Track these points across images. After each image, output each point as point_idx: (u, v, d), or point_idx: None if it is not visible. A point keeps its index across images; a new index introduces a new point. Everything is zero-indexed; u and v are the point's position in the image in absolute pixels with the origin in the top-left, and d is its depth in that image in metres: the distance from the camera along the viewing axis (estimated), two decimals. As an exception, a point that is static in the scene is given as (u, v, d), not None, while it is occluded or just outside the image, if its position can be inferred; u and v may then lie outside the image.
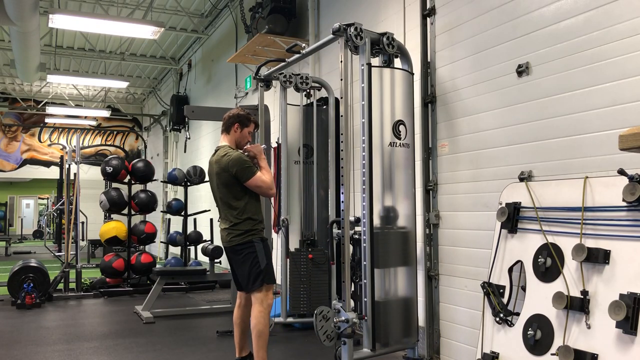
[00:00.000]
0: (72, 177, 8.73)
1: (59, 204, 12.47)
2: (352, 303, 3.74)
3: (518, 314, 3.18)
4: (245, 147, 3.88)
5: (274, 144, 6.18)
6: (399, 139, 3.96)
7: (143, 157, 16.11)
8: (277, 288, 5.76)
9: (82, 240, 11.14)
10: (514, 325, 3.18)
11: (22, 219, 23.20)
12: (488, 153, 3.86)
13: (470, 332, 3.90)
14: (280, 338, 5.10)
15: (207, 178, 8.79)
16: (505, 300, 3.30)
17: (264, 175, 3.72)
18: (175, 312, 6.41)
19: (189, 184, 8.62)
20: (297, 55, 4.60)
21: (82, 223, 11.23)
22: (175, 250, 10.10)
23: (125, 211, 8.20)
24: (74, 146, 8.25)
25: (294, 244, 5.37)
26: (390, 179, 3.96)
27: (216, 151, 3.84)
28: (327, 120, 5.53)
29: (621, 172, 2.69)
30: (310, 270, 5.18)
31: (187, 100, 11.87)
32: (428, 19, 4.47)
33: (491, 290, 3.37)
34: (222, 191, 3.76)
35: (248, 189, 3.73)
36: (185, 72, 12.40)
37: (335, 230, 4.05)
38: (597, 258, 2.77)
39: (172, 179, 8.62)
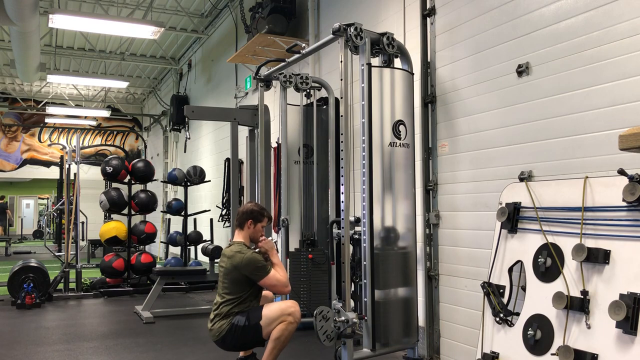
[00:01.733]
0: (72, 177, 8.74)
1: (59, 204, 12.47)
2: (352, 303, 3.74)
3: (518, 314, 3.18)
4: (258, 244, 3.84)
5: (274, 144, 6.18)
6: (399, 139, 3.96)
7: (143, 157, 16.11)
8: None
9: (82, 240, 11.14)
10: (514, 325, 3.18)
11: (22, 219, 23.22)
12: (488, 153, 3.86)
13: (470, 332, 3.90)
14: (280, 338, 5.10)
15: (207, 178, 8.86)
16: (505, 300, 3.30)
17: (278, 273, 3.66)
18: (175, 312, 6.41)
19: (189, 184, 8.62)
20: (297, 55, 4.60)
21: (82, 223, 11.23)
22: (175, 250, 10.10)
23: (125, 211, 8.20)
24: (74, 146, 8.25)
25: (294, 244, 5.37)
26: (390, 179, 3.96)
27: (230, 244, 3.80)
28: (327, 120, 5.53)
29: (621, 172, 2.69)
30: (310, 270, 5.18)
31: (187, 100, 11.87)
32: (428, 19, 4.47)
33: (491, 290, 3.36)
34: (227, 286, 3.69)
35: (253, 289, 3.68)
36: (185, 72, 12.40)
37: (335, 230, 4.05)
38: (597, 258, 2.77)
39: (172, 179, 8.62)
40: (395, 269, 3.99)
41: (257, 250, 3.78)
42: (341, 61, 3.78)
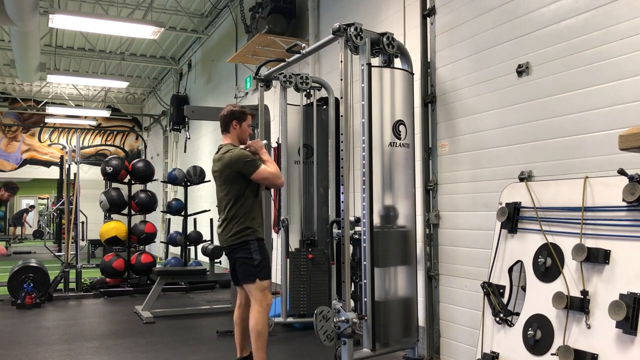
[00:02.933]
0: (72, 177, 8.73)
1: (59, 204, 12.47)
2: (352, 303, 3.74)
3: (518, 314, 3.18)
4: (247, 143, 3.89)
5: (274, 144, 6.18)
6: (399, 139, 3.96)
7: (143, 157, 16.11)
8: (277, 288, 5.77)
9: (82, 240, 11.14)
10: (514, 325, 3.18)
11: (22, 219, 23.17)
12: (488, 153, 3.86)
13: (470, 332, 3.90)
14: (280, 338, 5.10)
15: (207, 178, 8.85)
16: (505, 300, 3.30)
17: (269, 167, 3.73)
18: (175, 312, 6.41)
19: (189, 184, 8.62)
20: (297, 55, 4.60)
21: (82, 223, 11.23)
22: (175, 250, 10.10)
23: (125, 211, 8.20)
24: (74, 146, 8.25)
25: (294, 244, 5.37)
26: (390, 179, 3.96)
27: (219, 149, 3.85)
28: (327, 120, 5.53)
29: (621, 172, 2.69)
30: (310, 270, 5.18)
31: (187, 100, 11.87)
32: (428, 19, 4.47)
33: (491, 290, 3.37)
34: (224, 188, 3.77)
35: (249, 187, 3.73)
36: (185, 72, 12.40)
37: (335, 230, 4.05)
38: (597, 258, 2.77)
39: (172, 179, 8.62)
40: (395, 261, 3.99)
41: (247, 150, 3.81)
42: (341, 61, 3.78)
